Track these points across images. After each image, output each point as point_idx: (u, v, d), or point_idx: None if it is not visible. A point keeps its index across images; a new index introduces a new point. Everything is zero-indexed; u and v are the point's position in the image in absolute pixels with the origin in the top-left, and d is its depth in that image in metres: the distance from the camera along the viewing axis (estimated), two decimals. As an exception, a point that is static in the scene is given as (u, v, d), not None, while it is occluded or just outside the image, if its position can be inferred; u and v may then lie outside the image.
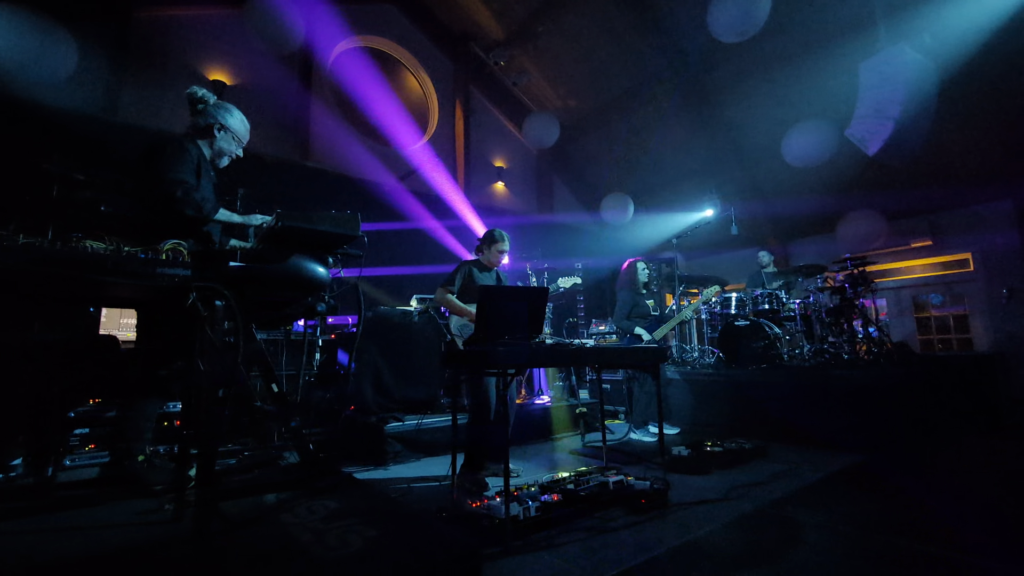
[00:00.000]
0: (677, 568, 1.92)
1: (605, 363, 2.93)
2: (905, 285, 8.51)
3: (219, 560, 1.31)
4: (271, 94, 6.74)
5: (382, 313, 4.39)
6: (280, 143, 6.55)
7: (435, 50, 8.57)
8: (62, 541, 1.49)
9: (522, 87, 8.87)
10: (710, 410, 4.93)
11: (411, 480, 3.15)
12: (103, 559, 1.35)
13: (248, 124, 2.51)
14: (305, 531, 1.48)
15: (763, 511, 2.56)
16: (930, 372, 5.16)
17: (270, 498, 1.82)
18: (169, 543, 1.46)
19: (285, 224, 1.88)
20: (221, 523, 1.49)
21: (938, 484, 3.09)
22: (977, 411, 5.27)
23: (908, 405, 4.40)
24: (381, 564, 1.27)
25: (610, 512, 2.52)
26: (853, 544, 2.14)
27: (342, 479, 2.04)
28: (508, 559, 2.01)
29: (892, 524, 2.35)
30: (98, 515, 1.74)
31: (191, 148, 2.23)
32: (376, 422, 3.77)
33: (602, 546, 2.14)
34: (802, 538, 2.21)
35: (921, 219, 7.98)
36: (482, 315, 2.55)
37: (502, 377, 2.28)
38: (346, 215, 2.15)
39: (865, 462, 3.53)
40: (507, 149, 9.42)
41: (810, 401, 4.26)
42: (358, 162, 7.08)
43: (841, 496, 2.83)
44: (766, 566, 1.94)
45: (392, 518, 1.62)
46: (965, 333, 7.92)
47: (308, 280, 1.94)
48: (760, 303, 5.72)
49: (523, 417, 4.54)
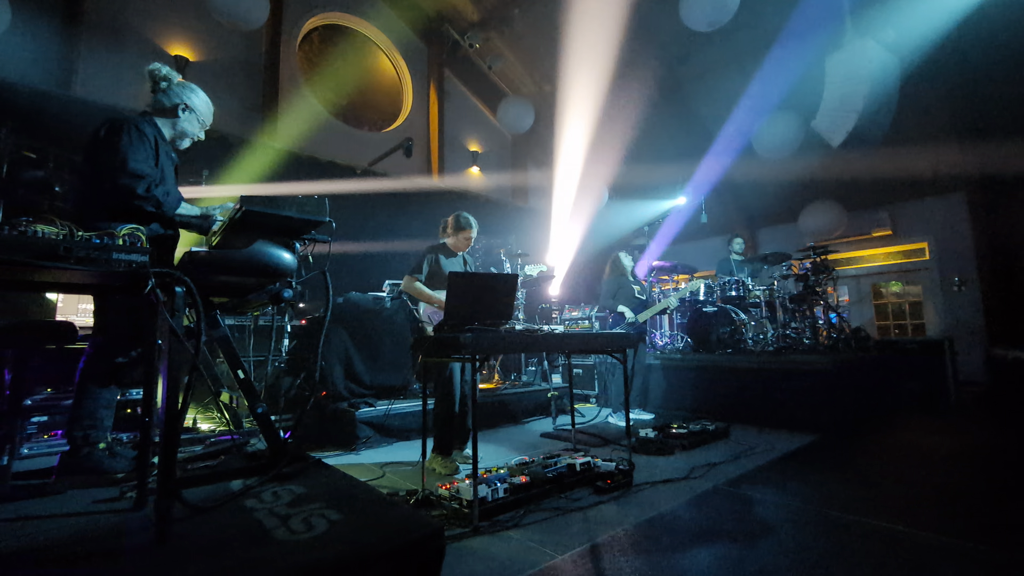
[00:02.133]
0: (639, 543, 2.01)
1: (574, 349, 2.99)
2: (865, 273, 8.87)
3: (180, 546, 1.31)
4: (236, 71, 6.50)
5: (353, 299, 4.35)
6: (246, 123, 6.34)
7: (408, 31, 8.38)
8: (16, 531, 1.47)
9: (497, 71, 8.78)
10: (680, 394, 5.09)
11: (381, 465, 3.18)
12: (61, 546, 1.34)
13: (212, 106, 2.43)
14: (270, 516, 1.49)
15: (720, 489, 2.69)
16: (884, 356, 5.44)
17: (235, 484, 1.81)
18: (130, 530, 1.45)
19: (248, 209, 1.85)
20: (183, 510, 1.49)
21: (884, 461, 3.29)
22: (927, 393, 5.59)
23: (862, 388, 4.64)
24: (344, 545, 1.29)
25: (576, 492, 2.60)
26: (802, 518, 2.27)
27: (310, 464, 2.05)
28: (475, 539, 2.07)
29: (839, 499, 2.50)
30: (56, 505, 1.71)
31: (147, 129, 2.15)
32: (347, 408, 3.76)
33: (567, 524, 2.22)
34: (755, 514, 2.33)
35: (882, 209, 8.30)
36: (451, 301, 2.57)
37: (471, 362, 2.31)
38: (313, 199, 2.12)
39: (817, 441, 3.72)
40: (483, 134, 9.34)
41: (771, 385, 4.45)
42: (329, 144, 6.92)
43: (794, 474, 2.99)
44: (722, 540, 2.05)
45: (358, 502, 1.64)
46: (919, 319, 8.34)
47: (273, 266, 1.91)
48: (728, 290, 5.89)
49: (495, 401, 4.60)
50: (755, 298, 5.94)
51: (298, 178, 5.84)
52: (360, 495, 1.75)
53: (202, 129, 2.41)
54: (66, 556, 1.29)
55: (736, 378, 4.71)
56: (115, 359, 2.06)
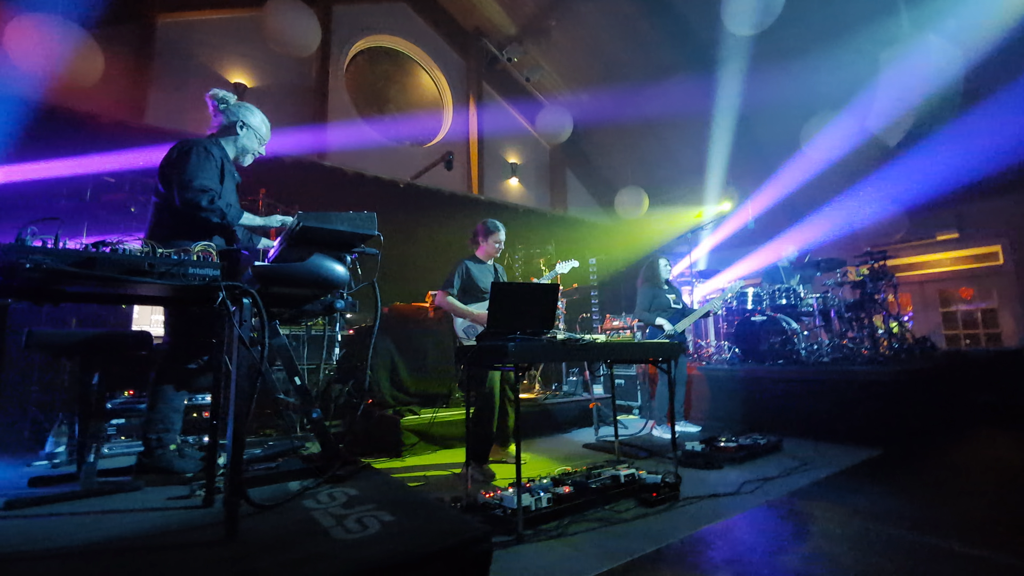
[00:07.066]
0: (685, 558, 1.97)
1: (615, 358, 2.97)
2: (930, 279, 8.31)
3: (247, 541, 1.40)
4: (290, 95, 6.89)
5: (398, 309, 4.49)
6: (299, 143, 6.70)
7: (447, 48, 8.63)
8: (103, 523, 1.61)
9: (535, 82, 8.88)
10: (728, 406, 4.92)
11: (426, 471, 3.25)
12: (141, 538, 1.46)
13: (268, 123, 2.60)
14: (326, 515, 1.57)
15: (773, 504, 2.58)
16: (953, 367, 5.06)
17: (293, 485, 1.92)
18: (201, 525, 1.56)
19: (305, 224, 1.97)
20: (248, 507, 1.59)
21: (955, 478, 3.06)
22: (1002, 406, 5.15)
23: (928, 400, 4.34)
24: (397, 545, 1.34)
25: (620, 504, 2.57)
26: (864, 536, 2.15)
27: (360, 468, 2.13)
28: (520, 547, 2.08)
29: (902, 518, 2.35)
30: (134, 500, 1.86)
31: (215, 150, 2.33)
32: (392, 415, 3.87)
33: (612, 536, 2.20)
34: (811, 531, 2.23)
35: (947, 211, 7.77)
36: (493, 310, 2.61)
37: (513, 371, 2.34)
38: (363, 215, 2.22)
39: (879, 457, 3.51)
40: (520, 145, 9.45)
41: (827, 396, 4.23)
42: (374, 160, 7.19)
43: (853, 490, 2.83)
44: (775, 559, 1.97)
45: (408, 505, 1.70)
46: (994, 328, 7.71)
47: (327, 278, 2.02)
48: (778, 298, 5.66)
49: (536, 411, 4.60)
50: (808, 306, 5.69)
51: (344, 194, 6.10)
52: (409, 499, 1.80)
53: (261, 145, 2.58)
54: (147, 547, 1.41)
55: (789, 389, 4.50)
56: (186, 366, 2.22)
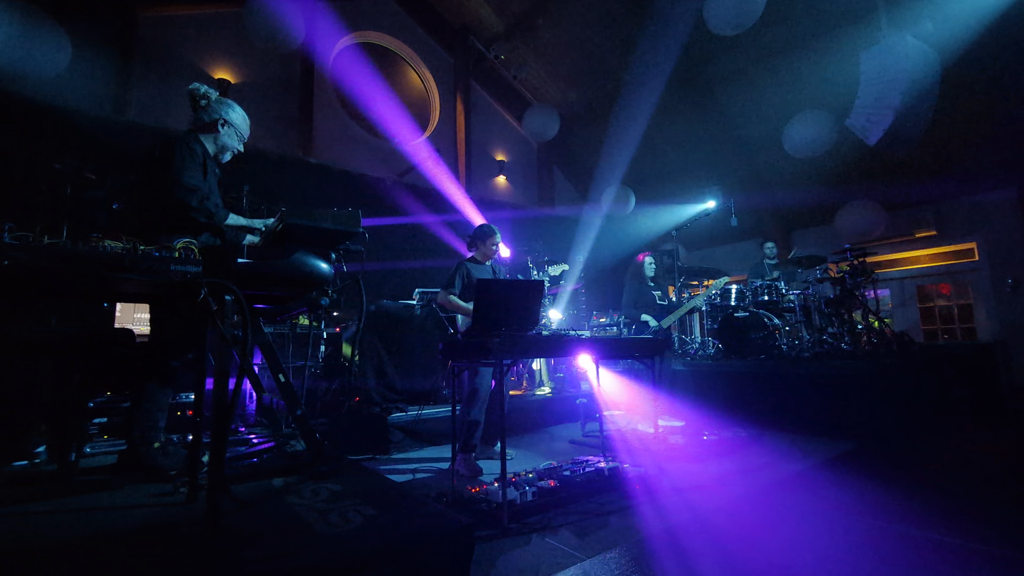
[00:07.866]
0: (667, 549, 2.01)
1: (601, 354, 3.01)
2: (908, 275, 8.50)
3: (230, 536, 1.41)
4: (274, 91, 6.81)
5: (384, 307, 4.49)
6: (283, 140, 6.64)
7: (435, 45, 8.60)
8: (84, 521, 1.60)
9: (522, 80, 8.88)
10: (710, 401, 5.00)
11: (412, 468, 3.26)
12: (123, 534, 1.46)
13: (248, 120, 2.57)
14: (309, 511, 1.58)
15: (753, 496, 2.65)
16: (930, 361, 5.20)
17: (277, 482, 1.92)
18: (184, 522, 1.57)
19: (289, 221, 1.97)
20: (232, 503, 1.60)
21: (929, 470, 3.16)
22: (977, 399, 5.30)
23: (905, 394, 4.45)
24: (379, 538, 1.36)
25: (604, 497, 2.61)
26: (839, 525, 2.22)
27: (345, 465, 2.14)
28: (505, 540, 2.11)
29: (881, 507, 2.43)
30: (117, 498, 1.85)
31: (196, 147, 2.31)
32: (379, 412, 3.88)
33: (595, 528, 2.24)
34: (788, 520, 2.29)
35: (926, 209, 7.95)
36: (479, 308, 2.63)
37: (499, 367, 2.37)
38: (347, 212, 2.23)
39: (857, 449, 3.60)
40: (508, 142, 9.45)
41: (806, 391, 4.33)
42: (360, 158, 7.16)
43: (831, 482, 2.91)
44: (752, 547, 2.03)
45: (392, 500, 1.72)
46: (969, 323, 7.92)
47: (311, 275, 2.03)
48: (760, 294, 5.75)
49: (523, 407, 4.63)
50: (789, 303, 5.79)
51: (331, 191, 6.07)
52: (393, 494, 1.82)
53: (241, 142, 2.56)
54: (129, 543, 1.41)
55: (770, 384, 4.60)
56: (170, 363, 2.21)
